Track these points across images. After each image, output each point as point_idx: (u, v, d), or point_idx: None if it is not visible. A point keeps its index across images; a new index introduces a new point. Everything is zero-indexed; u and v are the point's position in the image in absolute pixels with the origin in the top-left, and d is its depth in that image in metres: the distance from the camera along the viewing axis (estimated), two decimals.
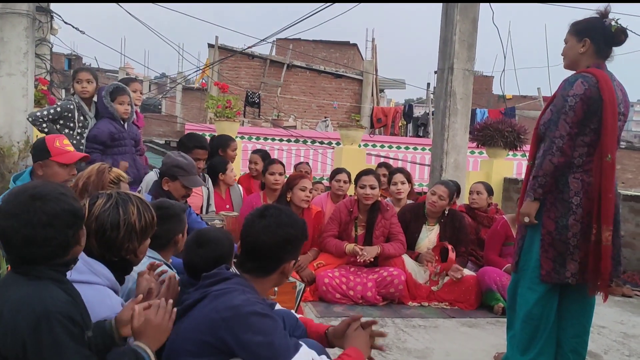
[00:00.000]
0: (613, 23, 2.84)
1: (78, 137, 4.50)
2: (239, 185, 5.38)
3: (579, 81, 2.78)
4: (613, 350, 3.62)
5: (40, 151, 3.07)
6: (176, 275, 2.46)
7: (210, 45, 17.83)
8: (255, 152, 6.10)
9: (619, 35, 2.86)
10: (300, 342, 1.86)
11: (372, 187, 4.51)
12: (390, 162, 10.83)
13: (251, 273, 1.95)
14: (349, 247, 4.42)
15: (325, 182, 8.27)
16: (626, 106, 2.90)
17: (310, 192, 4.51)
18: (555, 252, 2.88)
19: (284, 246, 1.94)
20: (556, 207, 2.88)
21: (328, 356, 1.95)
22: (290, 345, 1.80)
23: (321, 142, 12.91)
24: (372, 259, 4.40)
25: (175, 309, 1.82)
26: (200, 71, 17.12)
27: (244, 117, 15.94)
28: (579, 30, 2.91)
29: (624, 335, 3.94)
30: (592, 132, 2.81)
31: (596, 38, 2.87)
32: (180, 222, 2.61)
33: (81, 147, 4.45)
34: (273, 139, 12.91)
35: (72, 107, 4.48)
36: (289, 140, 12.90)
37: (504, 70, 7.29)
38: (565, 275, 2.86)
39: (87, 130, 4.50)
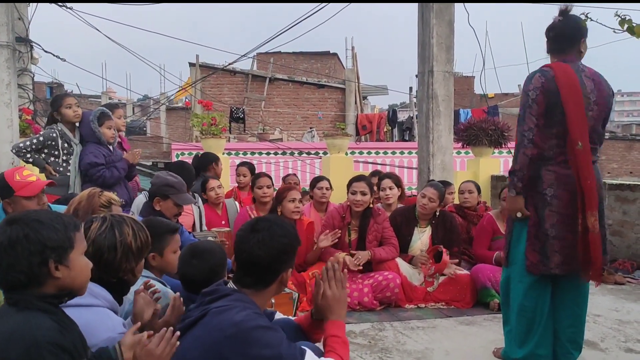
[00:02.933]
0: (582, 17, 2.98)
1: (64, 165, 4.52)
2: (236, 202, 5.43)
3: (536, 75, 2.93)
4: (609, 337, 3.67)
5: (2, 189, 2.99)
6: (168, 294, 2.48)
7: (192, 64, 17.85)
8: (242, 164, 6.17)
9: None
10: (303, 347, 1.88)
11: (362, 194, 4.55)
12: (378, 167, 10.91)
13: (250, 287, 1.96)
14: (339, 256, 4.45)
15: None
16: (600, 95, 2.97)
17: (300, 203, 4.54)
18: (539, 243, 2.96)
19: (280, 257, 1.95)
20: (534, 200, 2.98)
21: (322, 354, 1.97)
22: (297, 353, 1.82)
23: (308, 153, 12.95)
24: (361, 267, 4.43)
25: (177, 339, 1.79)
26: (180, 89, 17.11)
27: (230, 133, 15.95)
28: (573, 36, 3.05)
29: (619, 322, 4.00)
30: (557, 123, 2.91)
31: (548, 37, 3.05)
32: (154, 240, 2.64)
33: (68, 174, 4.48)
34: (260, 153, 12.94)
35: (54, 135, 4.51)
36: (276, 153, 12.93)
37: (483, 69, 7.39)
38: (550, 266, 2.94)
39: (72, 157, 4.52)
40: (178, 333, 1.79)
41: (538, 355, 3.06)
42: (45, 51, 7.83)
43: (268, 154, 12.96)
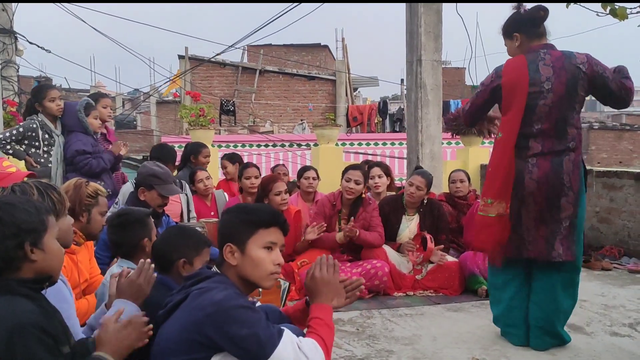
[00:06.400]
0: (528, 7, 3.09)
1: (45, 156, 4.49)
2: (225, 193, 5.42)
3: (491, 73, 3.16)
4: (595, 321, 3.69)
5: None
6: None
7: (181, 57, 17.76)
8: (223, 157, 6.15)
9: (537, 12, 3.06)
10: (282, 326, 1.88)
11: (356, 182, 4.55)
12: (369, 158, 10.90)
13: (222, 267, 2.00)
14: (339, 235, 4.47)
15: None
16: (559, 82, 2.96)
17: (286, 194, 4.53)
18: None
19: (222, 233, 2.03)
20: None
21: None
22: (274, 333, 1.82)
23: (299, 145, 12.92)
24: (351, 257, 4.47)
25: (150, 328, 1.87)
26: (169, 82, 17.01)
27: (220, 125, 15.90)
28: (506, 31, 3.20)
29: (605, 307, 4.02)
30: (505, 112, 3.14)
31: (521, 28, 3.12)
32: (143, 226, 2.64)
33: (50, 165, 4.45)
34: (250, 145, 12.90)
35: (35, 126, 4.47)
36: (266, 145, 12.89)
37: (472, 57, 7.37)
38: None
39: (53, 148, 4.49)
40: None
41: (508, 333, 3.26)
42: (30, 42, 7.79)
43: (259, 146, 12.92)
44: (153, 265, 2.18)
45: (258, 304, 2.33)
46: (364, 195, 4.63)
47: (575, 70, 2.97)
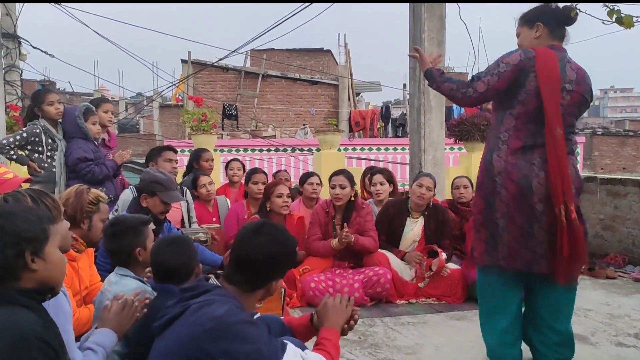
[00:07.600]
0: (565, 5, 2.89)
1: (49, 161, 4.45)
2: (227, 198, 5.40)
3: (517, 52, 2.82)
4: (600, 331, 3.66)
5: None
6: (149, 292, 2.45)
7: (184, 61, 17.78)
8: (234, 160, 6.10)
9: (569, 12, 2.89)
10: (285, 340, 1.86)
11: (341, 187, 4.53)
12: (372, 163, 10.89)
13: (238, 286, 1.93)
14: (334, 242, 4.44)
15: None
16: (579, 87, 2.82)
17: (288, 197, 4.51)
18: (486, 232, 2.82)
19: (275, 264, 1.96)
20: (485, 184, 2.84)
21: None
22: (277, 347, 1.80)
23: (301, 150, 12.90)
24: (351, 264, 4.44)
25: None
26: (175, 87, 17.00)
27: (223, 130, 15.90)
28: (529, 18, 2.95)
29: (610, 316, 3.99)
30: (519, 104, 2.78)
31: (547, 20, 2.90)
32: (137, 235, 2.59)
33: (54, 170, 4.43)
34: (253, 150, 12.88)
35: (38, 131, 4.44)
36: (268, 150, 12.87)
37: (475, 64, 7.39)
38: (498, 258, 2.78)
39: (56, 153, 4.46)
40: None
41: None
42: (34, 47, 7.76)
43: (261, 150, 12.90)
44: (136, 303, 2.21)
45: (258, 314, 2.30)
46: (352, 199, 4.60)
47: (589, 88, 2.88)
